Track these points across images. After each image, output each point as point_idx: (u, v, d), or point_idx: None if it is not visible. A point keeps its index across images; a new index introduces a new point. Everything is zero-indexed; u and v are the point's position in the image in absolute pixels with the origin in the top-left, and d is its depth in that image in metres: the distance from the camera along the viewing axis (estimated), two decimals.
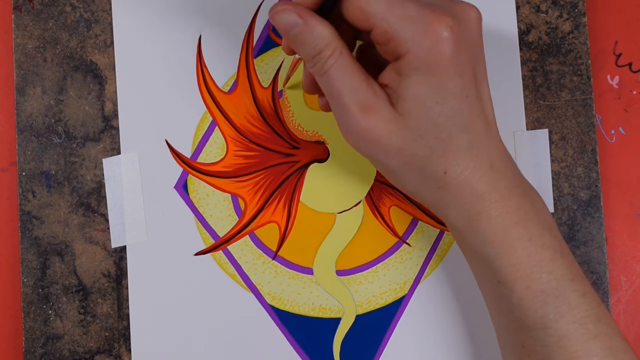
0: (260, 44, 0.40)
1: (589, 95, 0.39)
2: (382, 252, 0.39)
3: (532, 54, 0.39)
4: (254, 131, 0.40)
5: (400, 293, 0.39)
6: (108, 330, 0.39)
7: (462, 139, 0.30)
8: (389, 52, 0.29)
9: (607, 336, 0.30)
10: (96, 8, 0.40)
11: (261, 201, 0.39)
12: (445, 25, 0.28)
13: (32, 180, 0.40)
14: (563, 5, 0.39)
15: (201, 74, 0.40)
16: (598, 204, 0.38)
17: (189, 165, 0.40)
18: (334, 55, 0.29)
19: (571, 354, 0.29)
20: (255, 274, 0.39)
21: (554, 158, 0.39)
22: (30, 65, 0.40)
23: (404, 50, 0.28)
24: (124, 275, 0.39)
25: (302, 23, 0.29)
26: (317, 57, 0.29)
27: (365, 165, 0.39)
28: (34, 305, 0.39)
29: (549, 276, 0.30)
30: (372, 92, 0.29)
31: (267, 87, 0.40)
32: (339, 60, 0.29)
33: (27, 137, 0.40)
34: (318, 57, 0.29)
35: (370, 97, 0.29)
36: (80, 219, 0.40)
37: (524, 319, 0.30)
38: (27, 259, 0.39)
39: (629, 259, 0.40)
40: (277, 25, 0.29)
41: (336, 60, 0.29)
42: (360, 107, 0.29)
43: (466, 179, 0.30)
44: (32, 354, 0.39)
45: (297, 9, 0.29)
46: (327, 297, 0.39)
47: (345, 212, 0.39)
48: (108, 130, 0.40)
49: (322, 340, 0.39)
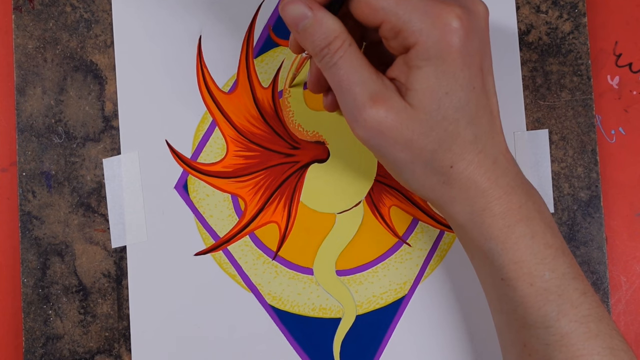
0: (260, 44, 0.40)
1: (589, 96, 0.39)
2: (382, 252, 0.39)
3: (532, 54, 0.39)
4: (254, 131, 0.40)
5: (401, 293, 0.39)
6: (108, 330, 0.39)
7: (468, 133, 0.30)
8: (397, 46, 0.29)
9: (607, 335, 0.30)
10: (96, 8, 0.40)
11: (261, 201, 0.39)
12: (455, 15, 0.28)
13: (32, 180, 0.40)
14: (563, 5, 0.39)
15: (201, 74, 0.40)
16: (598, 204, 0.38)
17: (189, 165, 0.40)
18: (343, 47, 0.29)
19: (573, 352, 0.29)
20: (255, 274, 0.39)
21: (554, 158, 0.39)
22: (30, 65, 0.40)
23: (413, 41, 0.28)
24: (124, 276, 0.39)
25: (311, 15, 0.29)
26: (326, 49, 0.29)
27: (365, 166, 0.39)
28: (34, 306, 0.39)
29: (551, 274, 0.30)
30: (381, 83, 0.30)
31: (267, 87, 0.40)
32: (348, 52, 0.29)
33: (28, 137, 0.40)
34: (327, 49, 0.29)
35: (379, 87, 0.29)
36: (80, 219, 0.40)
37: (526, 317, 0.30)
38: (27, 259, 0.39)
39: (629, 259, 0.40)
40: (286, 17, 0.29)
41: (345, 52, 0.29)
42: (370, 97, 0.29)
43: (471, 174, 0.30)
44: (32, 354, 0.39)
45: (306, 1, 0.29)
46: (327, 297, 0.39)
47: (345, 212, 0.39)
48: (108, 131, 0.40)
49: (322, 340, 0.39)
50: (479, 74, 0.30)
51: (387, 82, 0.30)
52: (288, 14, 0.29)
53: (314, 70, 0.34)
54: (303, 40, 0.30)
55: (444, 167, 0.30)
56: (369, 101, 0.29)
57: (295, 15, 0.29)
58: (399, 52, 0.30)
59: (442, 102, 0.29)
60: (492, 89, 0.31)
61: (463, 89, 0.29)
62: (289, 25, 0.30)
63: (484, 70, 0.30)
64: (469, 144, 0.30)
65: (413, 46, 0.29)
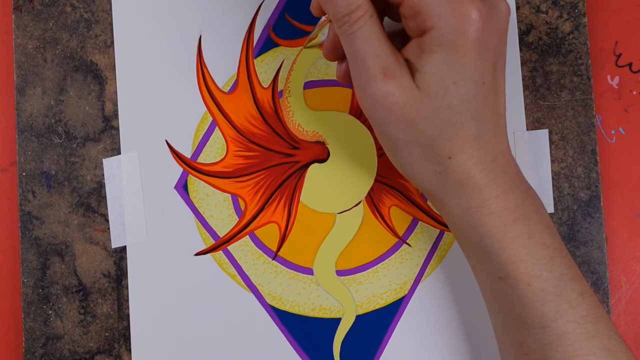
0: (260, 44, 0.40)
1: (589, 96, 0.39)
2: (382, 253, 0.39)
3: (532, 54, 0.39)
4: (254, 131, 0.40)
5: (401, 293, 0.39)
6: (108, 331, 0.39)
7: (471, 127, 0.30)
8: (415, 27, 0.29)
9: (605, 336, 0.30)
10: (96, 8, 0.40)
11: (261, 201, 0.39)
12: (475, 6, 0.28)
13: (32, 180, 0.40)
14: (563, 5, 0.39)
15: (201, 74, 0.40)
16: (598, 204, 0.38)
17: (189, 165, 0.40)
18: (364, 18, 0.29)
19: (569, 352, 0.29)
20: (255, 274, 0.39)
21: (554, 158, 0.39)
22: (30, 65, 0.40)
23: (429, 25, 0.28)
24: (124, 276, 0.39)
25: None
26: (347, 16, 0.29)
27: (365, 166, 0.39)
28: (34, 306, 0.39)
29: (549, 275, 0.30)
30: (395, 59, 0.30)
31: (267, 88, 0.40)
32: (368, 23, 0.29)
33: (28, 137, 0.40)
34: (348, 17, 0.29)
35: (393, 63, 0.29)
36: (80, 219, 0.40)
37: (524, 317, 0.30)
38: (27, 259, 0.39)
39: (629, 259, 0.40)
40: None
41: (365, 23, 0.29)
42: (382, 71, 0.29)
43: (469, 169, 0.30)
44: (32, 354, 0.39)
45: None
46: (327, 297, 0.39)
47: (345, 212, 0.39)
48: (108, 131, 0.40)
49: (322, 340, 0.39)
50: (491, 71, 0.30)
51: (401, 59, 0.30)
52: None
53: (331, 37, 0.34)
54: (326, 4, 0.30)
55: (442, 157, 0.30)
56: (380, 74, 0.29)
57: None
58: (416, 34, 0.30)
59: (448, 91, 0.29)
60: (502, 88, 0.31)
61: (472, 82, 0.29)
62: None
63: (496, 68, 0.30)
64: (470, 139, 0.30)
65: (429, 30, 0.29)
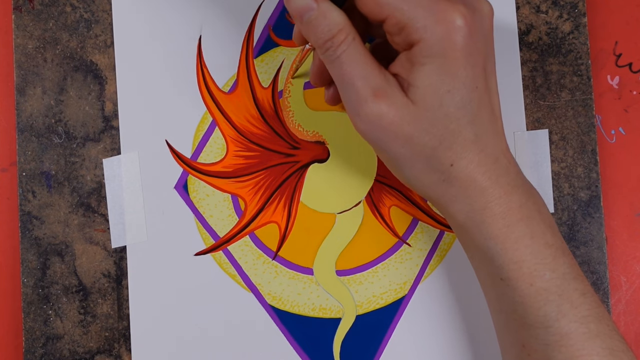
0: (260, 44, 0.40)
1: (589, 96, 0.39)
2: (382, 252, 0.39)
3: (532, 54, 0.39)
4: (254, 131, 0.40)
5: (401, 293, 0.39)
6: (108, 331, 0.39)
7: (469, 131, 0.30)
8: (401, 42, 0.30)
9: (607, 336, 0.30)
10: (96, 8, 0.40)
11: (261, 201, 0.39)
12: (459, 13, 0.28)
13: (32, 180, 0.40)
14: (563, 5, 0.39)
15: (201, 74, 0.40)
16: (598, 204, 0.38)
17: (189, 165, 0.40)
18: (347, 41, 0.29)
19: (572, 353, 0.29)
20: (255, 274, 0.39)
21: (554, 158, 0.39)
22: (30, 65, 0.40)
23: (416, 38, 0.28)
24: (124, 276, 0.39)
25: (316, 7, 0.29)
26: (330, 41, 0.29)
27: (365, 166, 0.39)
28: (34, 306, 0.39)
29: (551, 274, 0.30)
30: (383, 78, 0.30)
31: (267, 87, 0.40)
32: (352, 46, 0.29)
33: (27, 137, 0.40)
34: (330, 42, 0.29)
35: (382, 82, 0.29)
36: (80, 219, 0.40)
37: (526, 317, 0.30)
38: (27, 259, 0.39)
39: (629, 259, 0.40)
40: (292, 8, 0.29)
41: (349, 46, 0.29)
42: (373, 92, 0.29)
43: (471, 173, 0.30)
44: (32, 354, 0.39)
45: None
46: (327, 297, 0.39)
47: (345, 212, 0.39)
48: (108, 131, 0.40)
49: (322, 340, 0.39)
50: (482, 74, 0.30)
51: (390, 77, 0.30)
52: (293, 5, 0.29)
53: (316, 63, 0.34)
54: (307, 32, 0.30)
55: (444, 165, 0.30)
56: (370, 95, 0.29)
57: (300, 6, 0.29)
58: (403, 48, 0.30)
59: (443, 100, 0.29)
60: (494, 89, 0.31)
61: (465, 88, 0.29)
62: (294, 17, 0.30)
63: (487, 70, 0.30)
64: (470, 143, 0.30)
65: (417, 43, 0.29)
